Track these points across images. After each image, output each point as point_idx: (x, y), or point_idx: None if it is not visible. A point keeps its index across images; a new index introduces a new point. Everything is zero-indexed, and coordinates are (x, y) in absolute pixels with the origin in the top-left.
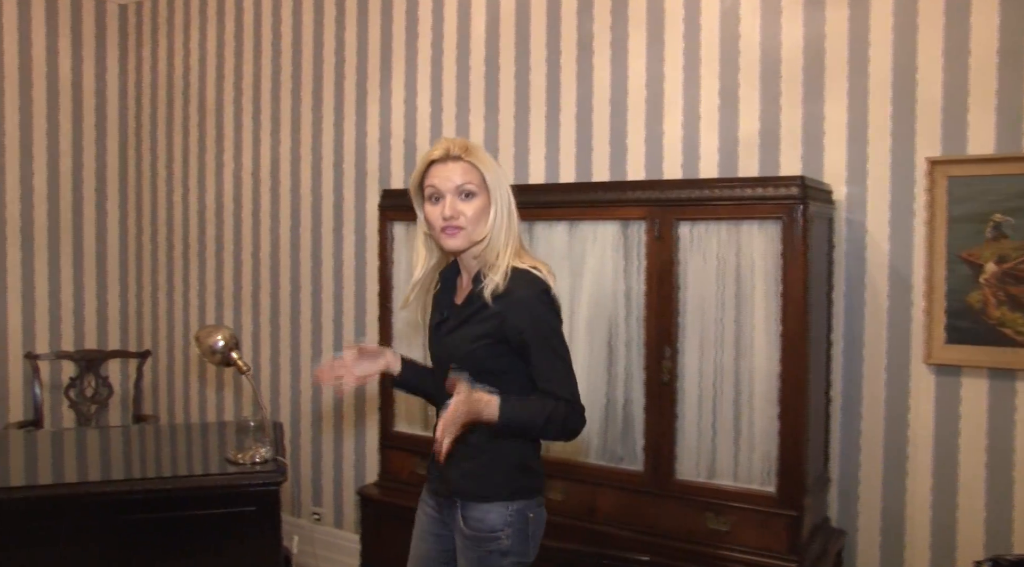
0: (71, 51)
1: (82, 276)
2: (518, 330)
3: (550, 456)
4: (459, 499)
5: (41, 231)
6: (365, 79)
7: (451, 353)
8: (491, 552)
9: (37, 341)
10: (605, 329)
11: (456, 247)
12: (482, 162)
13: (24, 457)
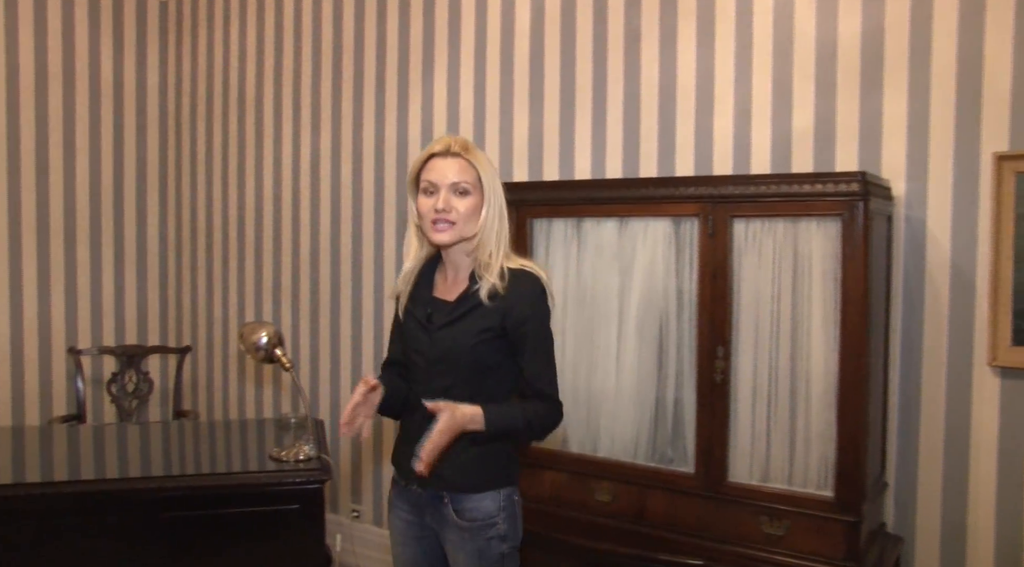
0: (112, 49)
1: (123, 272)
2: (520, 324)
3: (598, 457)
4: (448, 493)
5: (83, 227)
6: (407, 74)
7: (448, 349)
8: (490, 539)
9: (80, 336)
10: (655, 328)
11: (443, 241)
12: (479, 162)
13: (67, 452)
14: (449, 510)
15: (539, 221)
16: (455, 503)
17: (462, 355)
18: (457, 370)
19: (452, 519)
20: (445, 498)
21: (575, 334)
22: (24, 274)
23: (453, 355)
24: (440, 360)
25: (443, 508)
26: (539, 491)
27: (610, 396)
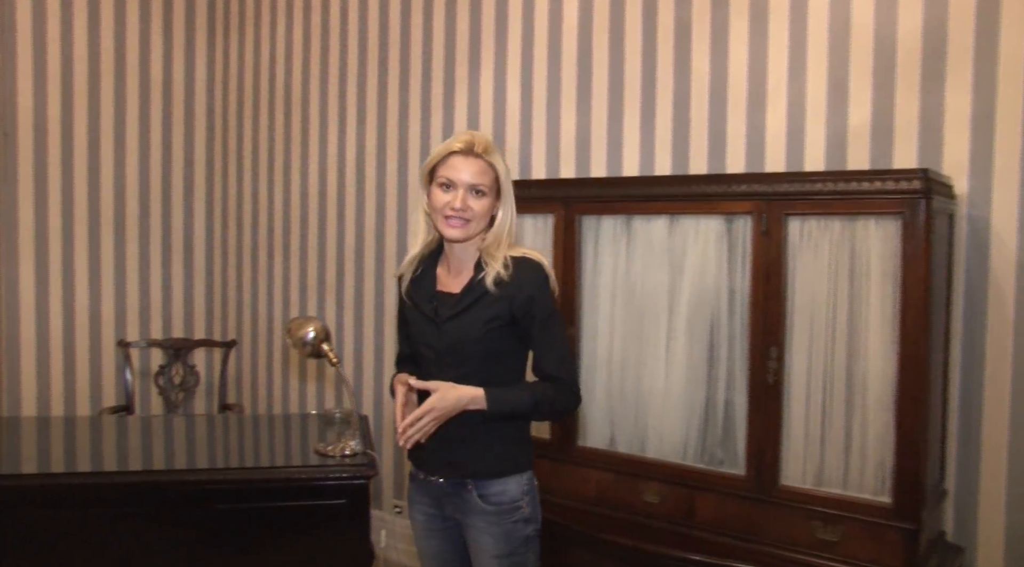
0: (162, 46)
1: (170, 266)
2: (526, 309)
3: (646, 457)
4: (472, 480)
5: (132, 222)
6: (453, 70)
7: (457, 339)
8: (516, 522)
9: (128, 329)
10: (706, 327)
11: (455, 237)
12: (498, 164)
13: (116, 442)
14: (473, 496)
15: (588, 218)
16: (479, 489)
17: (472, 345)
18: (468, 360)
19: (477, 504)
20: (469, 485)
21: (623, 333)
22: (76, 268)
23: (463, 345)
24: (450, 351)
25: (466, 495)
26: (585, 490)
27: (659, 396)
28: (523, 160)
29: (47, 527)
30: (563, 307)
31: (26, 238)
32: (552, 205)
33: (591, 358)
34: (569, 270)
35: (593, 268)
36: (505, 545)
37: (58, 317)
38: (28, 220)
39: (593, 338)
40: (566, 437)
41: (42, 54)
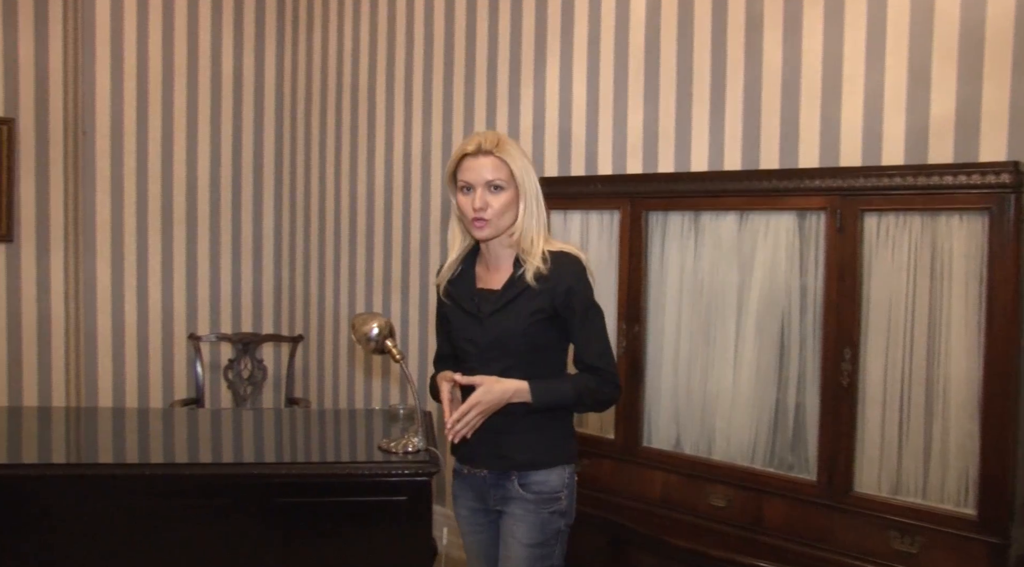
0: (233, 44)
1: (240, 261)
2: (567, 300)
3: (713, 459)
4: (516, 471)
5: (204, 218)
6: (519, 65)
7: (500, 334)
8: (553, 513)
9: (199, 323)
10: (776, 327)
11: (483, 237)
12: (511, 157)
13: (187, 435)
14: (515, 484)
15: (654, 214)
16: (522, 479)
17: (515, 338)
18: (511, 353)
19: (518, 492)
20: (512, 475)
21: (690, 331)
22: (150, 263)
23: (506, 339)
24: (493, 346)
25: (509, 485)
26: (650, 492)
27: (726, 397)
28: (589, 156)
29: (119, 516)
30: (628, 305)
31: (103, 234)
32: (618, 201)
33: (656, 357)
34: (635, 268)
35: (660, 265)
36: (538, 534)
37: (132, 311)
38: (105, 216)
39: (659, 337)
40: (630, 437)
41: (119, 56)
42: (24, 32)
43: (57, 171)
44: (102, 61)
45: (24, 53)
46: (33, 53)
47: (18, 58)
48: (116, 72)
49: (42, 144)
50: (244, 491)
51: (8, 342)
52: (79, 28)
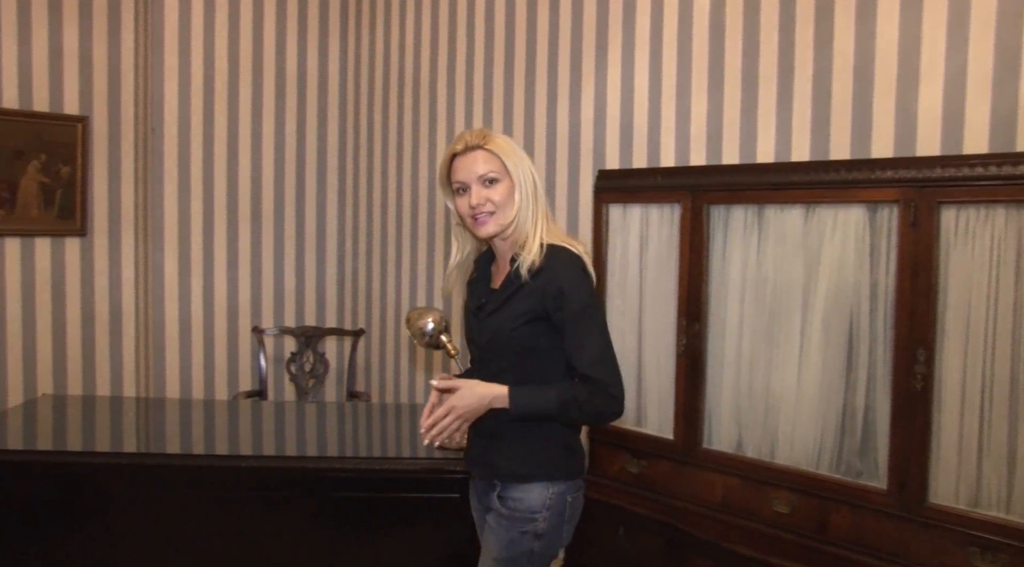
0: (297, 40)
1: (303, 255)
2: (558, 303)
3: (776, 463)
4: (499, 481)
5: (268, 212)
6: (580, 58)
7: (494, 334)
8: (524, 533)
9: (263, 316)
10: (844, 326)
11: (488, 233)
12: (500, 148)
13: (251, 427)
14: (495, 495)
15: (716, 208)
16: (502, 490)
17: (506, 340)
18: (504, 355)
19: (495, 504)
20: (496, 485)
21: (753, 330)
22: (215, 257)
23: (498, 341)
24: (488, 347)
25: (492, 493)
26: (709, 496)
27: (790, 398)
28: (651, 148)
29: (184, 504)
30: (689, 302)
31: (170, 228)
32: (678, 194)
33: (718, 356)
34: (696, 263)
35: (721, 261)
36: (505, 551)
37: (199, 304)
38: (172, 211)
39: (720, 335)
40: (690, 438)
41: (186, 54)
42: (98, 33)
43: (128, 167)
44: (170, 60)
45: (98, 53)
46: (106, 53)
47: (92, 58)
48: (184, 70)
49: (114, 141)
50: (303, 484)
51: (82, 332)
52: (149, 28)
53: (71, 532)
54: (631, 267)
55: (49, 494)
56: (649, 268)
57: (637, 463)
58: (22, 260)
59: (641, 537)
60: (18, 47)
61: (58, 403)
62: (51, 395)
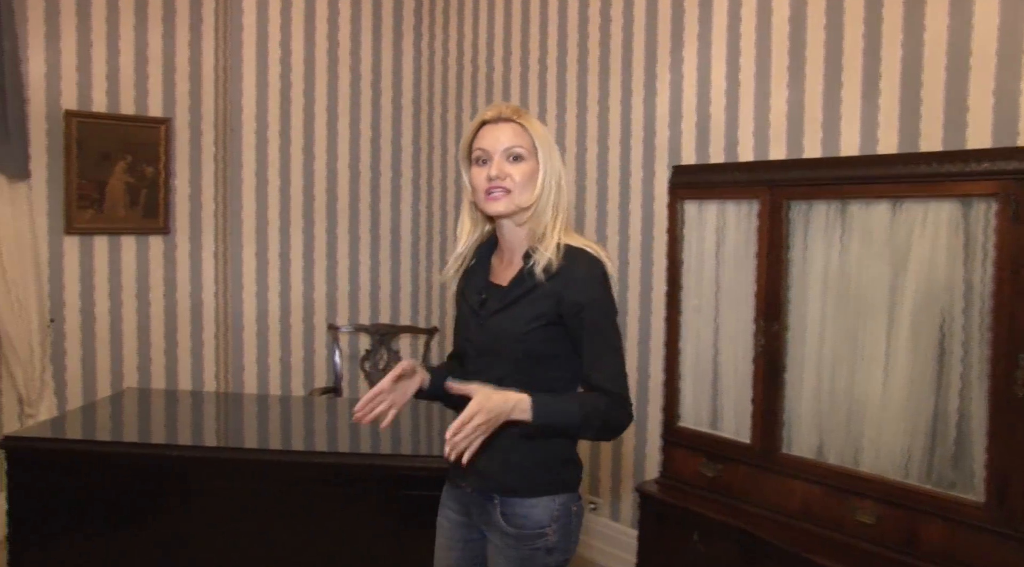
0: (371, 42)
1: (378, 253)
2: (576, 310)
3: (860, 471)
4: (499, 495)
5: (343, 211)
6: (655, 51)
7: (496, 336)
8: (537, 550)
9: (338, 313)
10: (935, 328)
11: (499, 211)
12: (533, 127)
13: (326, 424)
14: (497, 513)
15: (797, 204)
16: (504, 506)
17: (511, 344)
18: (506, 361)
19: (499, 523)
20: (495, 499)
21: (835, 331)
22: (292, 254)
23: (502, 344)
24: (489, 350)
25: (491, 510)
26: (788, 503)
27: (875, 403)
28: (729, 142)
29: (260, 498)
30: (767, 302)
31: (248, 225)
32: (756, 190)
33: (798, 358)
34: (774, 261)
35: (802, 259)
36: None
37: (275, 301)
38: (251, 208)
39: (800, 336)
40: (768, 443)
41: (264, 55)
42: (180, 36)
43: (208, 167)
44: (248, 61)
45: (180, 56)
46: (188, 56)
47: (175, 62)
48: (261, 71)
49: (195, 141)
50: (377, 481)
51: (165, 328)
52: (228, 30)
53: (153, 521)
54: (707, 265)
55: (133, 484)
56: (725, 266)
57: (712, 467)
58: (109, 258)
59: (716, 544)
60: (107, 53)
61: (142, 396)
62: (136, 388)
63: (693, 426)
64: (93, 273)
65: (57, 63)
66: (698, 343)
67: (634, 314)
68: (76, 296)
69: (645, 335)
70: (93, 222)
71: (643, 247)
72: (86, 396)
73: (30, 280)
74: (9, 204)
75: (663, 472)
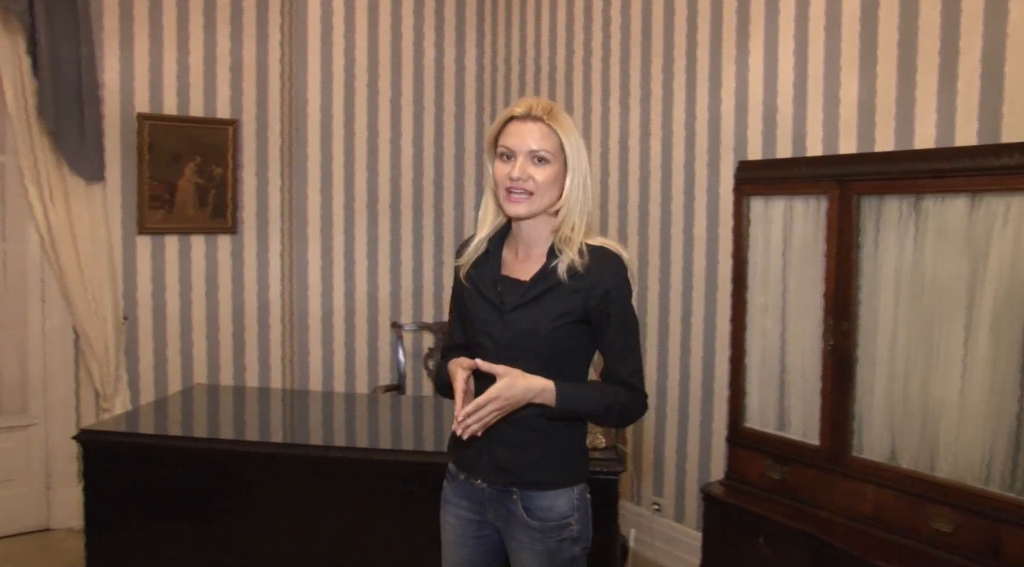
0: (434, 35)
1: (442, 250)
2: (603, 307)
3: (936, 476)
4: (519, 489)
5: (407, 208)
6: (719, 46)
7: (522, 332)
8: (563, 541)
9: (402, 311)
10: (1017, 329)
11: (519, 213)
12: (563, 128)
13: (390, 421)
14: (518, 507)
15: (868, 199)
16: (525, 501)
17: (538, 340)
18: (532, 356)
19: (521, 518)
20: (515, 495)
21: (909, 331)
22: (356, 252)
23: (528, 339)
24: (513, 344)
25: (511, 505)
26: (859, 508)
27: (953, 406)
28: (797, 136)
29: (326, 494)
30: (837, 300)
31: (314, 224)
32: (825, 185)
33: (869, 358)
34: (845, 258)
35: (873, 256)
36: (548, 564)
37: (340, 298)
38: (316, 207)
39: (872, 335)
40: (838, 445)
41: (328, 55)
42: (247, 38)
43: (274, 166)
44: (313, 61)
45: (247, 58)
46: (255, 58)
47: (242, 63)
48: (326, 70)
49: (261, 142)
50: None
51: (233, 325)
52: (293, 30)
53: (220, 514)
54: (773, 262)
55: (201, 477)
56: (793, 263)
57: (779, 469)
58: (179, 257)
59: (783, 547)
60: (177, 56)
61: (211, 392)
62: (205, 384)
63: (759, 427)
64: (164, 272)
65: (130, 68)
66: (764, 342)
67: (698, 313)
68: (148, 294)
69: (710, 334)
70: (164, 222)
71: (708, 245)
72: (158, 391)
73: (105, 279)
74: (86, 206)
75: (728, 473)
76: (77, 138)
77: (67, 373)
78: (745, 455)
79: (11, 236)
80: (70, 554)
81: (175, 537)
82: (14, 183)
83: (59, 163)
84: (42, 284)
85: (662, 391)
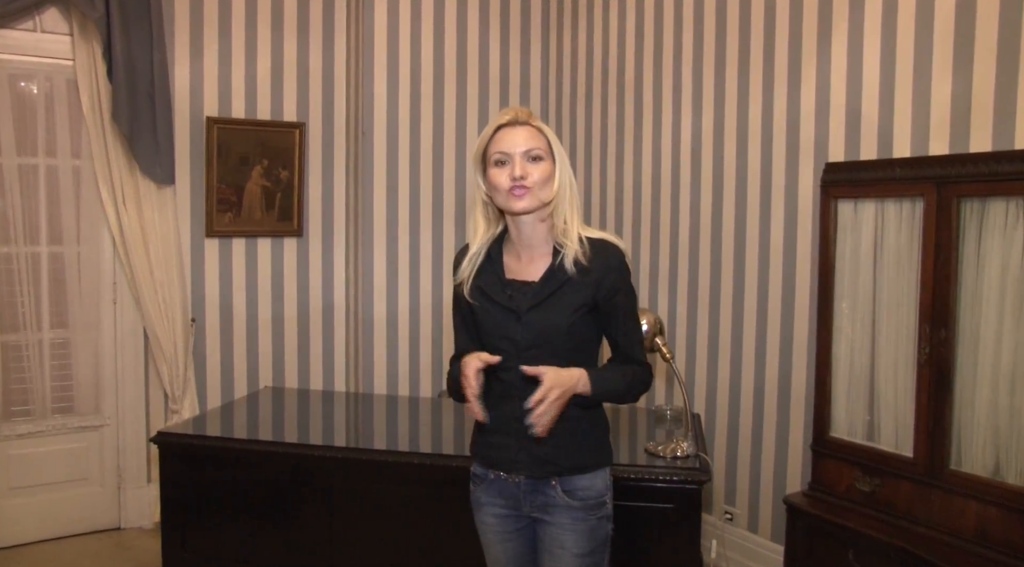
0: (500, 45)
1: None
2: (611, 296)
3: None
4: (558, 477)
5: (450, 215)
6: (799, 44)
7: (542, 330)
8: (602, 519)
9: None
10: None
11: (525, 207)
12: (547, 130)
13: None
14: (558, 491)
15: (969, 201)
16: (565, 484)
17: (559, 335)
18: (555, 351)
19: (562, 500)
20: (554, 481)
21: (1016, 341)
22: (421, 256)
23: (549, 336)
24: (535, 343)
25: (549, 491)
26: (961, 524)
27: None
28: (883, 137)
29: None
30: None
31: (379, 228)
32: (921, 187)
33: (969, 367)
34: (943, 264)
35: (975, 262)
36: (588, 543)
37: (405, 302)
38: (381, 211)
39: (973, 344)
40: (936, 457)
41: (395, 60)
42: (314, 44)
43: (340, 170)
44: (379, 66)
45: (313, 63)
46: (321, 62)
47: (309, 68)
48: (392, 75)
49: (327, 145)
50: None
51: (299, 328)
52: (360, 35)
53: (286, 515)
54: (863, 268)
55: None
56: (885, 269)
57: (869, 481)
58: (246, 260)
59: (875, 563)
60: (245, 61)
61: (277, 396)
62: (271, 387)
63: (846, 437)
64: (231, 274)
65: (200, 72)
66: (852, 350)
67: (775, 318)
68: (216, 297)
69: (787, 341)
70: (232, 225)
71: (785, 248)
72: (224, 392)
73: (174, 281)
74: (157, 209)
75: (812, 484)
76: (149, 142)
77: (137, 375)
78: (831, 466)
79: (85, 239)
80: (143, 552)
81: (244, 536)
82: (89, 187)
83: (132, 167)
84: (114, 287)
85: (735, 399)
